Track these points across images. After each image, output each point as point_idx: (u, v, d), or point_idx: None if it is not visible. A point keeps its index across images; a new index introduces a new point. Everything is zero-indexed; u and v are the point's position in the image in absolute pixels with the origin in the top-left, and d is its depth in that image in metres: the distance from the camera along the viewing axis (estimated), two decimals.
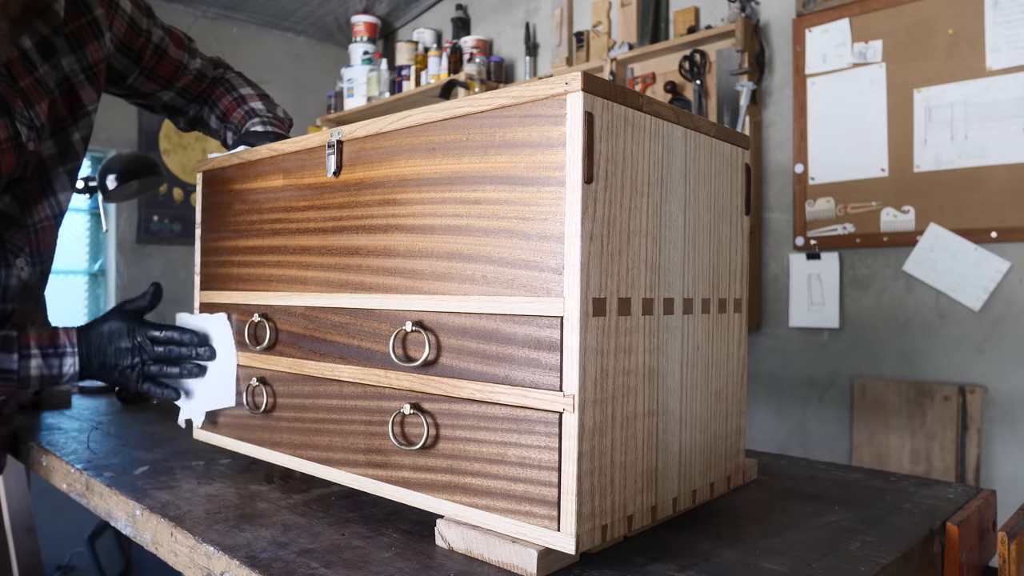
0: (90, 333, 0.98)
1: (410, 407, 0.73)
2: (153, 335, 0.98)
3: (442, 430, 0.71)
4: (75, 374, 0.97)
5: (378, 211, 0.78)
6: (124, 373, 0.98)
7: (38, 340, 0.96)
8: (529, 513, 0.64)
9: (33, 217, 1.08)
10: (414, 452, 0.73)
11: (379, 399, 0.77)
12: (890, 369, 2.41)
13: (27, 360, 0.94)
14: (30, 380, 0.95)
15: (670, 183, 0.72)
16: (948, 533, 0.78)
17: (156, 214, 3.74)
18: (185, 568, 0.74)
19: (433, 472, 0.72)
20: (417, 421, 0.73)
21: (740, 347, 0.85)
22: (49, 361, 0.95)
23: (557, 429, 0.62)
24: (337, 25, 4.23)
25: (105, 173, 1.62)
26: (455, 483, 0.70)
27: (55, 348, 0.97)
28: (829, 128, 2.55)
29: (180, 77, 1.23)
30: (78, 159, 1.09)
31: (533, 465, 0.63)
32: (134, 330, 0.98)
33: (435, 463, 0.72)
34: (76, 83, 1.04)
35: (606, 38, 3.16)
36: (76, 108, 1.05)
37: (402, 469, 0.75)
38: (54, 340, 0.97)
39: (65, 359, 0.96)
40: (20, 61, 0.96)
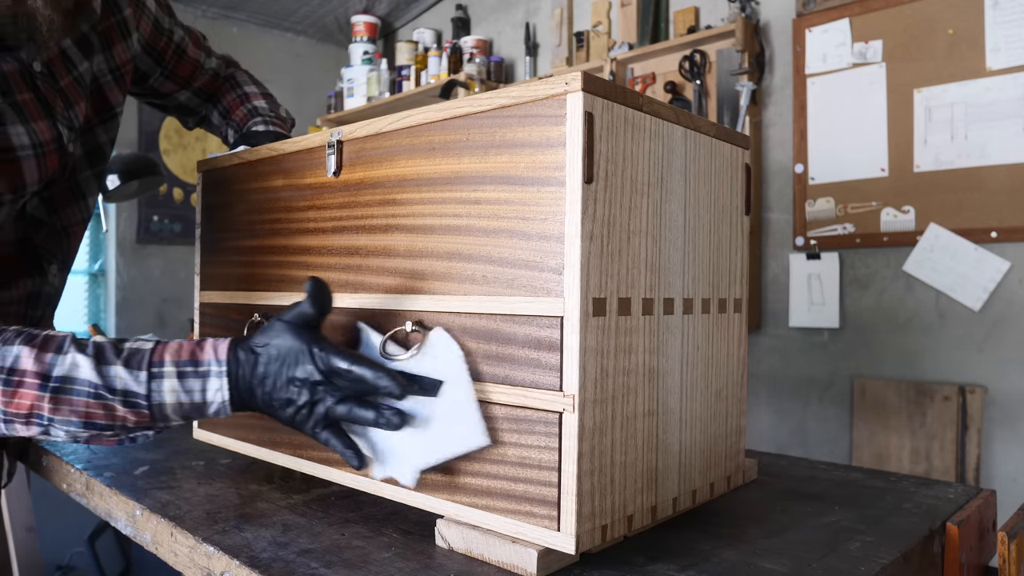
0: (249, 351, 0.71)
1: None
2: (339, 367, 0.69)
3: None
4: (224, 404, 0.71)
5: (378, 211, 0.78)
6: (297, 413, 0.70)
7: (174, 354, 0.71)
8: (529, 513, 0.64)
9: (63, 221, 1.01)
10: None
11: None
12: (890, 369, 2.41)
13: (159, 380, 0.70)
14: (165, 409, 0.70)
15: (670, 183, 0.72)
16: (948, 533, 0.78)
17: (156, 214, 3.74)
18: (185, 568, 0.74)
19: (433, 472, 0.72)
20: None
21: (740, 347, 0.85)
22: (187, 383, 0.70)
23: (557, 429, 0.62)
24: (337, 25, 4.23)
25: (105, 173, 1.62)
26: (455, 483, 0.70)
27: (195, 365, 0.71)
28: (829, 128, 2.55)
29: (198, 77, 1.21)
30: (105, 161, 1.06)
31: (533, 465, 0.63)
32: (315, 354, 0.70)
33: None
34: (104, 84, 1.00)
35: (606, 38, 3.16)
36: (104, 109, 1.01)
37: None
38: (194, 355, 0.71)
39: (209, 382, 0.70)
40: (60, 60, 0.91)
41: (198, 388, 0.70)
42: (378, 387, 0.68)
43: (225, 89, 1.26)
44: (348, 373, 0.69)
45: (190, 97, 1.24)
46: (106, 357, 0.70)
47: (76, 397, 0.69)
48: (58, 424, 0.69)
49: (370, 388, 0.69)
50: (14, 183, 0.83)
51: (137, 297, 3.68)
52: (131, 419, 0.70)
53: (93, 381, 0.69)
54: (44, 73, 0.88)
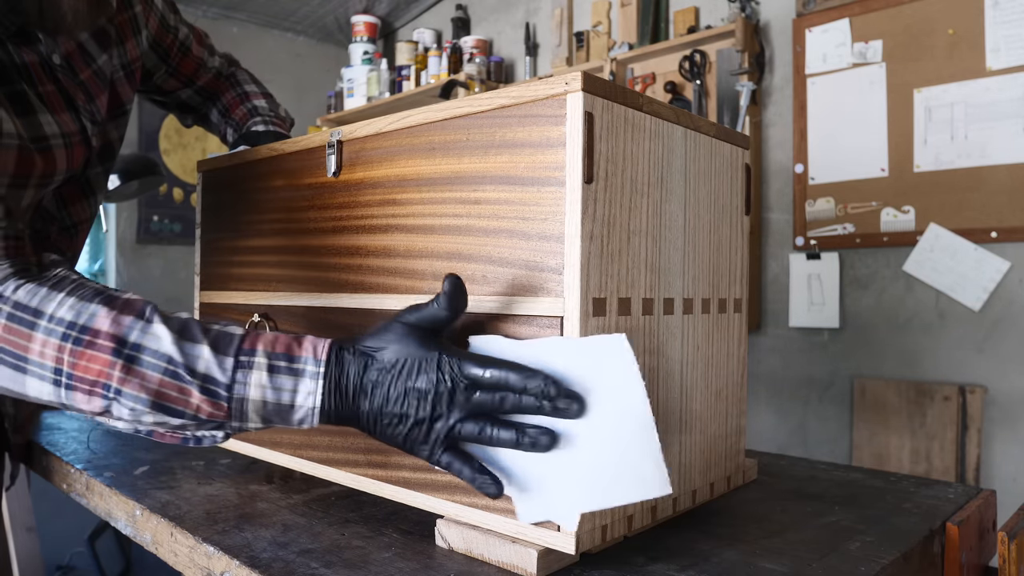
0: (358, 353, 0.62)
1: None
2: (473, 373, 0.60)
3: None
4: (314, 410, 0.61)
5: (378, 211, 0.78)
6: (413, 431, 0.61)
7: (268, 344, 0.62)
8: None
9: (73, 218, 0.99)
10: None
11: None
12: (890, 369, 2.41)
13: (246, 371, 0.61)
14: (246, 404, 0.61)
15: (670, 183, 0.72)
16: (948, 533, 0.78)
17: (156, 214, 3.74)
18: (185, 568, 0.74)
19: (433, 472, 0.72)
20: None
21: (740, 347, 0.85)
22: (278, 379, 0.60)
23: None
24: (337, 25, 4.23)
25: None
26: (455, 483, 0.70)
27: (290, 360, 0.61)
28: (829, 128, 2.55)
29: (201, 75, 1.22)
30: (114, 158, 1.04)
31: None
32: (441, 363, 0.60)
33: None
34: (116, 80, 0.98)
35: (606, 38, 3.16)
36: (115, 106, 1.00)
37: (402, 469, 0.75)
38: (291, 349, 0.62)
39: (302, 382, 0.61)
40: (78, 53, 0.89)
41: (289, 387, 0.60)
42: (527, 388, 0.58)
43: (225, 87, 1.26)
44: (487, 380, 0.59)
45: (191, 95, 1.24)
46: (192, 334, 0.62)
47: (150, 371, 0.60)
48: (124, 399, 0.60)
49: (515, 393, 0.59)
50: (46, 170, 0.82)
51: None
52: (205, 409, 0.61)
53: (173, 357, 0.60)
54: (63, 66, 0.86)
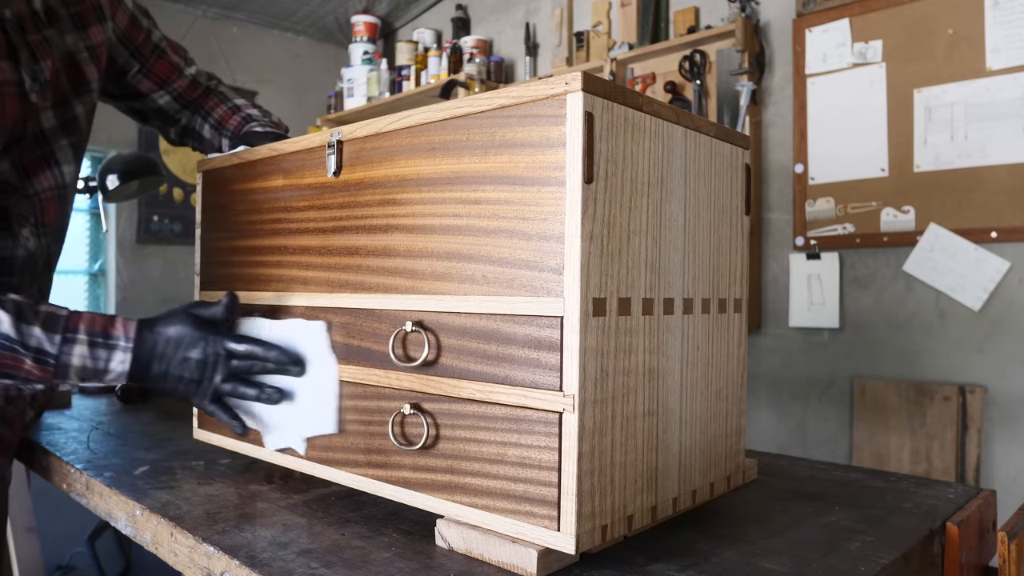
0: (154, 332, 0.85)
1: (410, 407, 0.73)
2: (231, 347, 0.85)
3: (442, 430, 0.71)
4: (123, 374, 0.83)
5: (378, 211, 0.78)
6: (188, 387, 0.85)
7: (88, 324, 0.83)
8: (529, 513, 0.64)
9: (35, 187, 1.05)
10: (414, 452, 0.73)
11: (379, 399, 0.77)
12: (890, 369, 2.41)
13: (71, 345, 0.81)
14: (69, 369, 0.81)
15: (670, 183, 0.72)
16: (948, 533, 0.78)
17: (156, 214, 3.74)
18: (185, 568, 0.74)
19: (433, 472, 0.72)
20: (417, 421, 0.73)
21: (740, 347, 0.85)
22: (96, 352, 0.82)
23: (557, 429, 0.62)
24: (337, 25, 4.23)
25: (105, 173, 1.62)
26: (455, 483, 0.70)
27: (106, 338, 0.83)
28: (829, 128, 2.55)
29: (176, 79, 1.24)
30: (81, 133, 1.09)
31: (533, 465, 0.63)
32: (208, 340, 0.85)
33: (435, 463, 0.72)
34: (80, 59, 1.06)
35: (606, 38, 3.16)
36: (79, 83, 1.07)
37: (402, 469, 0.75)
38: (107, 328, 0.83)
39: (115, 353, 0.82)
40: (29, 18, 0.97)
41: (104, 357, 0.82)
42: (268, 358, 0.85)
43: (214, 103, 1.28)
44: (241, 352, 0.85)
45: (169, 102, 1.26)
46: (26, 317, 0.80)
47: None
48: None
49: (262, 358, 0.85)
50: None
51: (137, 297, 3.68)
52: (35, 373, 0.80)
53: (11, 336, 0.78)
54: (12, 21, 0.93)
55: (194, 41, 3.86)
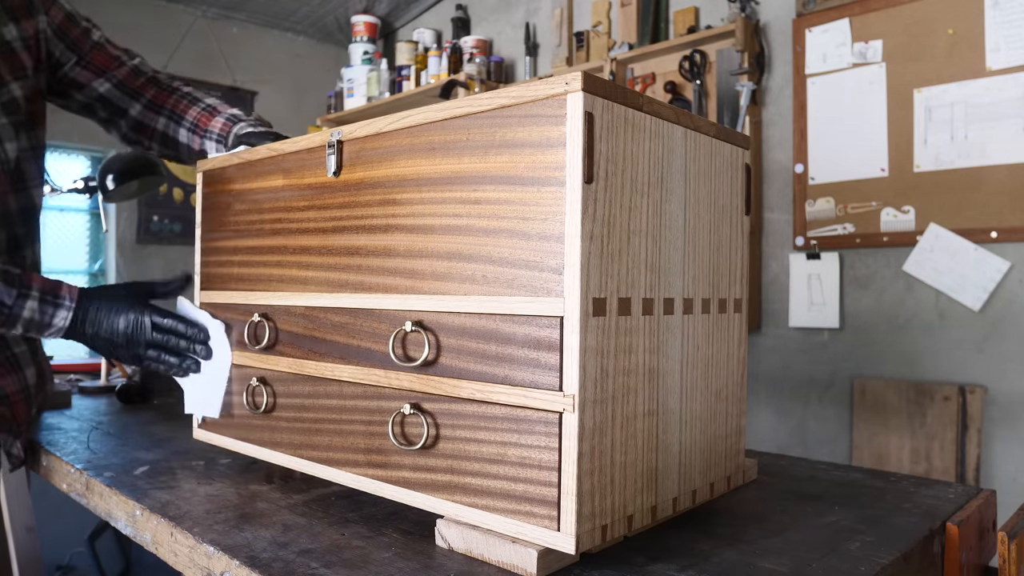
0: (93, 299, 0.99)
1: (410, 407, 0.73)
2: (156, 321, 0.99)
3: (442, 430, 0.71)
4: (62, 329, 0.98)
5: (378, 211, 0.78)
6: (117, 350, 1.00)
7: (41, 284, 0.97)
8: (529, 513, 0.64)
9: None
10: (414, 452, 0.73)
11: (379, 399, 0.77)
12: (890, 369, 2.41)
13: (24, 299, 0.95)
14: (19, 320, 0.95)
15: (670, 183, 0.72)
16: (948, 533, 0.78)
17: (156, 214, 3.74)
18: (185, 568, 0.74)
19: (433, 472, 0.72)
20: (417, 421, 0.73)
21: (740, 347, 0.85)
22: (44, 307, 0.96)
23: (557, 429, 0.62)
24: (337, 25, 4.23)
25: (105, 173, 1.62)
26: (455, 483, 0.70)
27: (55, 297, 0.97)
28: (829, 128, 2.55)
29: (116, 68, 1.25)
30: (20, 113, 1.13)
31: (533, 465, 0.63)
32: (138, 311, 0.99)
33: (435, 463, 0.72)
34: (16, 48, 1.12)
35: (606, 38, 3.16)
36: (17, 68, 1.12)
37: (402, 469, 0.75)
38: (56, 290, 0.98)
39: (59, 311, 0.97)
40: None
41: (50, 313, 0.97)
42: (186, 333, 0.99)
43: (184, 105, 1.27)
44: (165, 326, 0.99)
45: (110, 89, 1.26)
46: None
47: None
48: None
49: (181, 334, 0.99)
50: None
51: None
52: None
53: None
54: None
55: (194, 41, 3.86)
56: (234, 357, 0.98)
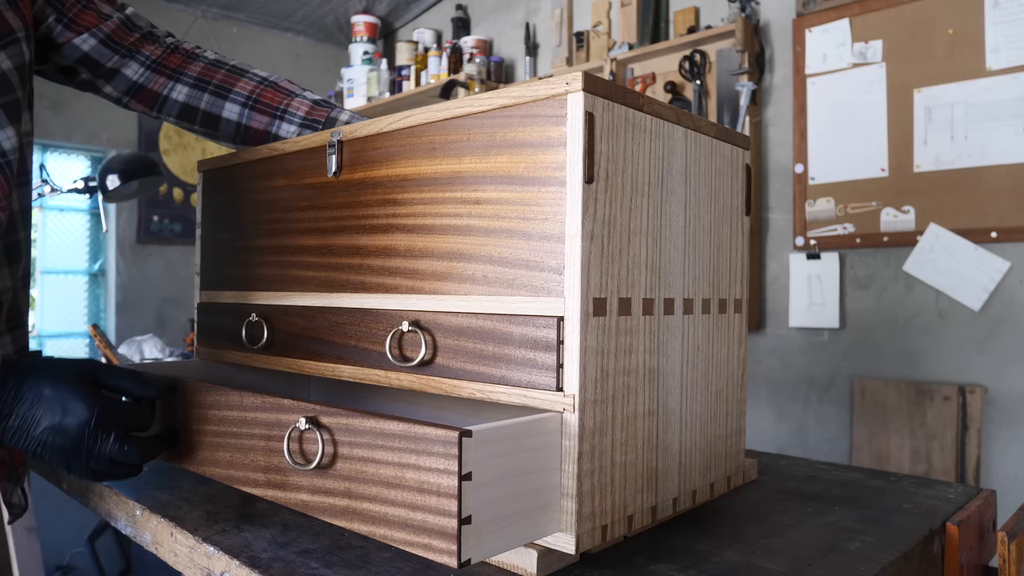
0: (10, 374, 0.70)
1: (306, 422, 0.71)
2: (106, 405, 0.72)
3: (341, 448, 0.70)
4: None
5: (379, 211, 0.78)
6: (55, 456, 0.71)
7: None
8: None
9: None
10: (311, 472, 0.73)
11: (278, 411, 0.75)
12: (890, 369, 2.41)
13: None
14: None
15: (670, 183, 0.72)
16: (948, 533, 0.78)
17: (156, 214, 3.74)
18: (185, 568, 0.74)
19: (332, 495, 0.71)
20: (313, 437, 0.72)
21: (740, 347, 0.85)
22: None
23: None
24: (337, 25, 4.23)
25: (105, 173, 1.62)
26: (353, 507, 0.69)
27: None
28: (829, 128, 2.55)
29: (103, 22, 1.02)
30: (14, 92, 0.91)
31: None
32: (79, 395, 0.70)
33: (333, 485, 0.71)
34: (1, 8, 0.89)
35: (606, 38, 3.16)
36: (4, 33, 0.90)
37: (300, 491, 0.74)
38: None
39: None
40: None
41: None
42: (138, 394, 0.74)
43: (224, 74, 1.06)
44: None
45: (96, 46, 1.02)
46: None
47: None
48: None
49: None
50: None
51: (137, 297, 3.68)
52: None
53: None
54: None
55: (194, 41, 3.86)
56: (233, 358, 0.98)
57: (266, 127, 1.02)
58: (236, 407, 0.75)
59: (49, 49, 1.01)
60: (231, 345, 0.99)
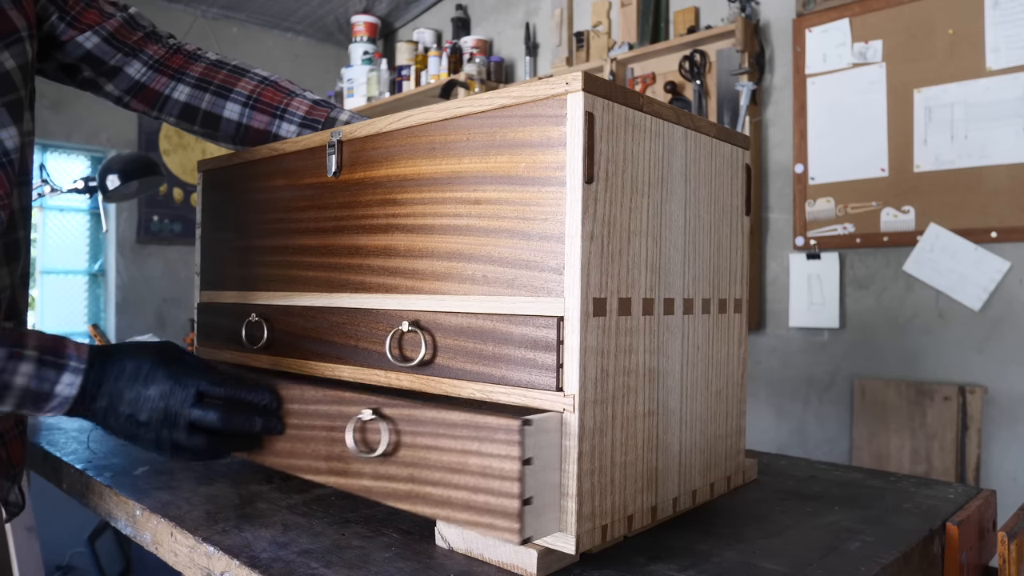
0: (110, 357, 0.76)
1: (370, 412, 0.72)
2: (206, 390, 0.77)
3: (403, 437, 0.71)
4: (67, 400, 0.73)
5: (379, 211, 0.78)
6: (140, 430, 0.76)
7: (38, 340, 0.73)
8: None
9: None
10: (375, 459, 0.73)
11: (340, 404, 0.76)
12: (890, 369, 2.41)
13: (17, 361, 0.70)
14: (10, 390, 0.70)
15: (670, 183, 0.72)
16: (948, 533, 0.78)
17: (156, 214, 3.74)
18: (185, 568, 0.74)
19: (394, 480, 0.72)
20: (375, 427, 0.73)
21: (740, 347, 0.85)
22: (43, 372, 0.71)
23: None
24: (337, 25, 4.23)
25: (105, 173, 1.62)
26: (416, 492, 0.70)
27: (57, 355, 0.72)
28: (829, 128, 2.55)
29: (106, 20, 1.02)
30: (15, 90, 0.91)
31: None
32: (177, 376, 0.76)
33: (396, 471, 0.71)
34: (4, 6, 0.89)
35: (606, 38, 3.16)
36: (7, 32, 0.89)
37: (363, 477, 0.75)
38: (59, 347, 0.73)
39: (63, 375, 0.72)
40: None
41: (51, 379, 0.71)
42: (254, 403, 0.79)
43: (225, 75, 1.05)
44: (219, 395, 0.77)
45: (98, 44, 1.01)
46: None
47: None
48: None
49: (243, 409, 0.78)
50: None
51: (137, 297, 3.68)
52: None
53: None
54: None
55: (194, 41, 3.85)
56: (232, 357, 0.98)
57: (266, 127, 1.02)
58: (298, 400, 0.79)
59: (52, 47, 1.01)
60: (231, 345, 0.99)
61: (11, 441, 0.93)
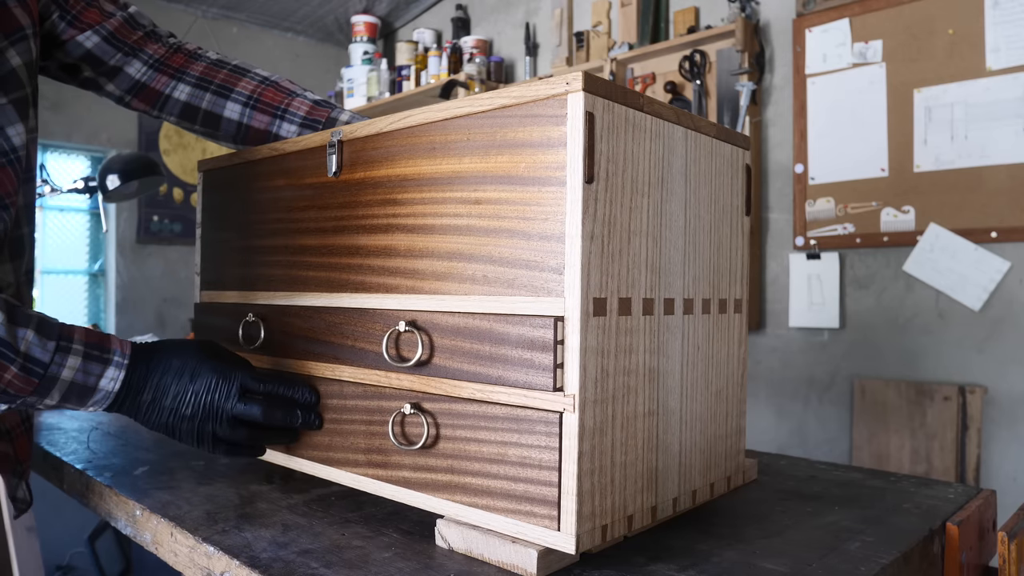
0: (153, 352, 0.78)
1: (411, 407, 0.73)
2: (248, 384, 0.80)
3: (442, 430, 0.71)
4: (109, 395, 0.75)
5: (379, 211, 0.78)
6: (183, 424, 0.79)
7: (84, 334, 0.75)
8: (529, 513, 0.64)
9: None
10: (414, 452, 0.73)
11: (379, 399, 0.77)
12: (890, 369, 2.41)
13: (65, 355, 0.72)
14: (56, 383, 0.72)
15: (671, 183, 0.72)
16: (948, 533, 0.78)
17: (156, 214, 3.74)
18: (185, 568, 0.74)
19: (433, 472, 0.72)
20: (417, 421, 0.73)
21: (740, 347, 0.85)
22: (89, 365, 0.74)
23: (557, 429, 0.62)
24: (337, 25, 4.23)
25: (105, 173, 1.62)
26: (455, 483, 0.70)
27: (102, 350, 0.75)
28: (829, 128, 2.55)
29: (107, 19, 1.02)
30: (22, 88, 0.91)
31: (533, 465, 0.63)
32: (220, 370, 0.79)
33: (435, 463, 0.72)
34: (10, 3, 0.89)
35: (606, 38, 3.16)
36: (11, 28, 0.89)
37: (402, 469, 0.75)
38: (104, 342, 0.75)
39: (107, 370, 0.74)
40: None
41: (96, 372, 0.74)
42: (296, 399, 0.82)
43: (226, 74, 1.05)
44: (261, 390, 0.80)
45: (99, 43, 1.01)
46: (18, 318, 0.70)
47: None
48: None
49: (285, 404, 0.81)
50: None
51: (137, 297, 3.68)
52: (16, 385, 0.70)
53: (2, 337, 0.68)
54: None
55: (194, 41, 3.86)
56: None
57: (267, 126, 1.02)
58: (336, 395, 0.82)
59: (53, 46, 1.01)
60: (229, 345, 0.99)
61: (18, 438, 0.94)
